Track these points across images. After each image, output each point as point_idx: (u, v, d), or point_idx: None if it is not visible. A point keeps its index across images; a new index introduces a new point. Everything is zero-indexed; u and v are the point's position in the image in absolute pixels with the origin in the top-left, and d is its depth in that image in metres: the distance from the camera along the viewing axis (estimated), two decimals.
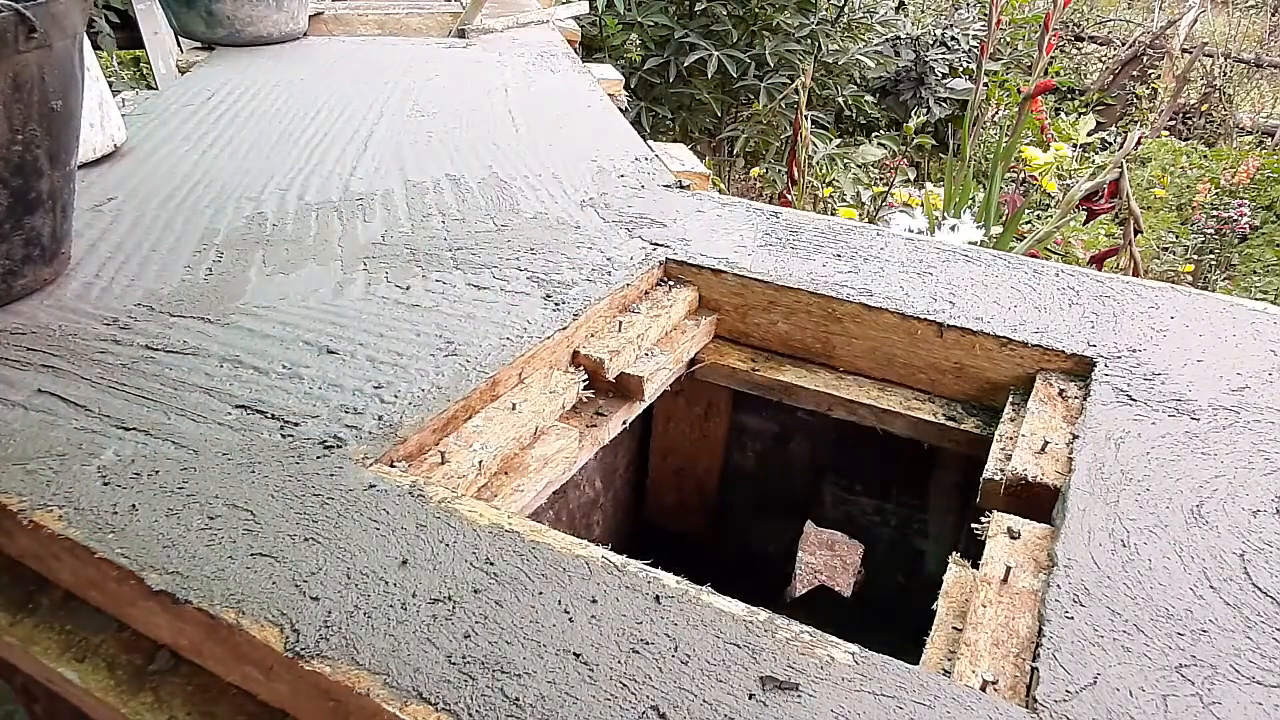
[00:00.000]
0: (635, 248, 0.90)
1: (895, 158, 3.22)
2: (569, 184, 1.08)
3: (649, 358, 0.78)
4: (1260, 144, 4.12)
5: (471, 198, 1.04)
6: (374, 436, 0.59)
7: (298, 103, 1.44)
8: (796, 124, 1.92)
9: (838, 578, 1.27)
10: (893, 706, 0.40)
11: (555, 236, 0.93)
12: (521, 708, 0.40)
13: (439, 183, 1.08)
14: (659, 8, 3.43)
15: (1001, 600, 0.51)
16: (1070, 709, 0.41)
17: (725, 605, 0.46)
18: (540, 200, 1.03)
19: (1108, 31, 5.55)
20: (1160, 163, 3.63)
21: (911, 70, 4.10)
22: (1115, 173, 1.45)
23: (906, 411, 0.79)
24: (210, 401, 0.63)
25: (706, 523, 1.12)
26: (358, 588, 0.46)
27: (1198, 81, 4.67)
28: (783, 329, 0.85)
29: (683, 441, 1.08)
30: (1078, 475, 0.58)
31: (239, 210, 0.98)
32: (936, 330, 0.78)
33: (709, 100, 3.43)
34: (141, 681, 0.50)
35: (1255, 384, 0.70)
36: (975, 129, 2.74)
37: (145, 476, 0.55)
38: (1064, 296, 0.83)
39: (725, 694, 0.41)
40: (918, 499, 1.00)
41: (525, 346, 0.71)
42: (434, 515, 0.52)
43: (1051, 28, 2.13)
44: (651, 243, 0.91)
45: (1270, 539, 0.53)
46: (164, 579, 0.47)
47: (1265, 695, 0.42)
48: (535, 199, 1.03)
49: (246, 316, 0.75)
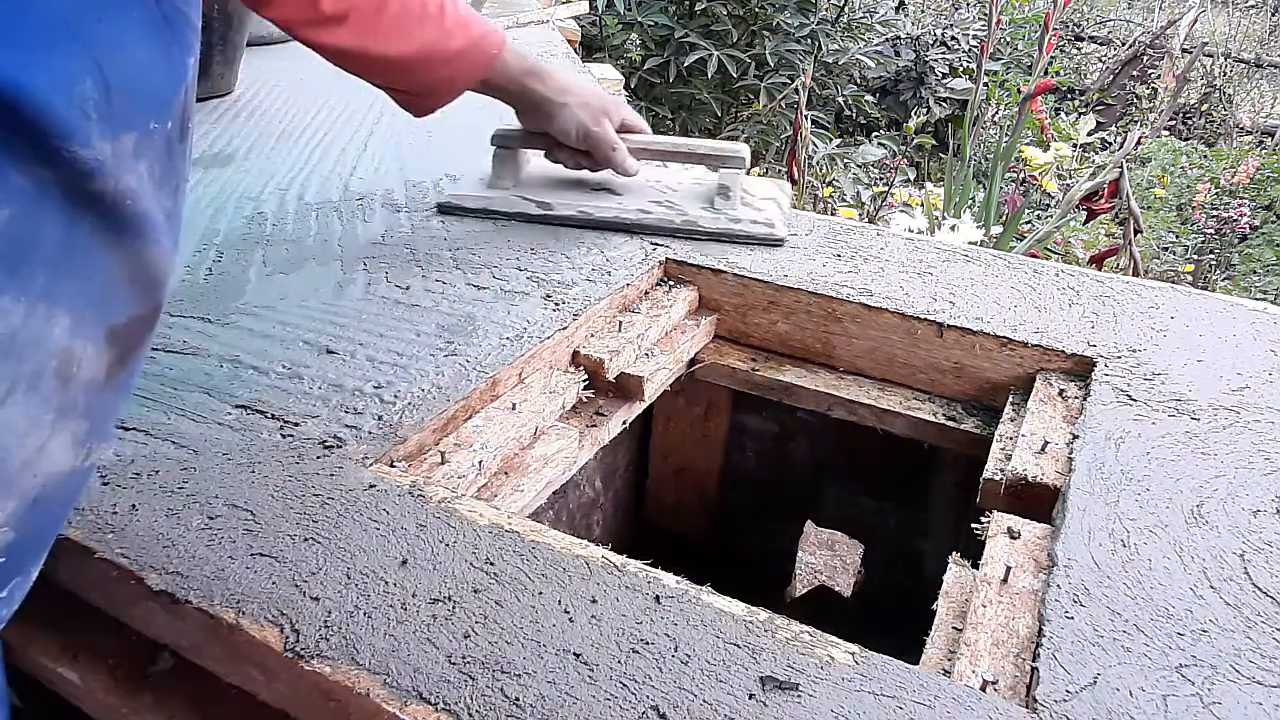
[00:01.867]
0: (635, 247, 0.90)
1: (895, 158, 3.22)
2: None
3: (649, 358, 0.78)
4: (1260, 144, 4.12)
5: None
6: (374, 436, 0.59)
7: (297, 102, 1.44)
8: (796, 124, 1.92)
9: (838, 578, 1.27)
10: (893, 706, 0.40)
11: (555, 236, 0.93)
12: (521, 707, 0.40)
13: (439, 182, 1.08)
14: (659, 8, 3.43)
15: (1001, 600, 0.51)
16: (1070, 709, 0.41)
17: (725, 605, 0.46)
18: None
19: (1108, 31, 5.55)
20: (1160, 163, 3.63)
21: (911, 70, 4.10)
22: (1115, 173, 1.45)
23: (906, 411, 0.79)
24: (210, 401, 0.63)
25: (706, 523, 1.12)
26: (358, 588, 0.46)
27: (1198, 81, 4.67)
28: (783, 329, 0.85)
29: (683, 441, 1.08)
30: (1078, 475, 0.58)
31: (239, 210, 0.98)
32: (936, 330, 0.78)
33: (709, 100, 3.43)
34: (141, 682, 0.50)
35: (1255, 384, 0.70)
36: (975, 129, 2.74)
37: (145, 476, 0.55)
38: (1064, 296, 0.83)
39: (725, 694, 0.41)
40: (918, 499, 1.00)
41: (525, 346, 0.71)
42: (434, 515, 0.52)
43: (1051, 28, 2.13)
44: (651, 242, 0.91)
45: (1270, 539, 0.53)
46: (164, 579, 0.47)
47: (1265, 695, 0.42)
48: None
49: (246, 316, 0.75)
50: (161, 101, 0.38)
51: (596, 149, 0.93)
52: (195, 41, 0.40)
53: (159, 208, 0.39)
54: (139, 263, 0.38)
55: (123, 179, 0.36)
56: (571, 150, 0.95)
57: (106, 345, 0.38)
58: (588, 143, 0.92)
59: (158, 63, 0.37)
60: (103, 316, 0.37)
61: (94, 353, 0.37)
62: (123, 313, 0.38)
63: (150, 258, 0.39)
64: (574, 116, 0.91)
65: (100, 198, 0.35)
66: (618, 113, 0.94)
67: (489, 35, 0.88)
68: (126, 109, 0.35)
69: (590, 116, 0.91)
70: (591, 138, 0.92)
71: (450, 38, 0.84)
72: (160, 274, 0.40)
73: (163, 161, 0.38)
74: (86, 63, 0.33)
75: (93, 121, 0.33)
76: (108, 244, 0.36)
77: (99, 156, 0.34)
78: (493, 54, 0.88)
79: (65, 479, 0.39)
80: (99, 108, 0.34)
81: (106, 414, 0.40)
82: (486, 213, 0.96)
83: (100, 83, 0.34)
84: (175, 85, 0.38)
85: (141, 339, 0.40)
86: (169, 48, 0.38)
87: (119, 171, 0.35)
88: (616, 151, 0.93)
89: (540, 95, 0.91)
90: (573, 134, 0.92)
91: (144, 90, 0.36)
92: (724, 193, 0.93)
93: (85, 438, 0.39)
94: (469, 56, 0.87)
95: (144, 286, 0.39)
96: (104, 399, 0.39)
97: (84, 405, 0.38)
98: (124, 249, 0.37)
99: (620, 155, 0.93)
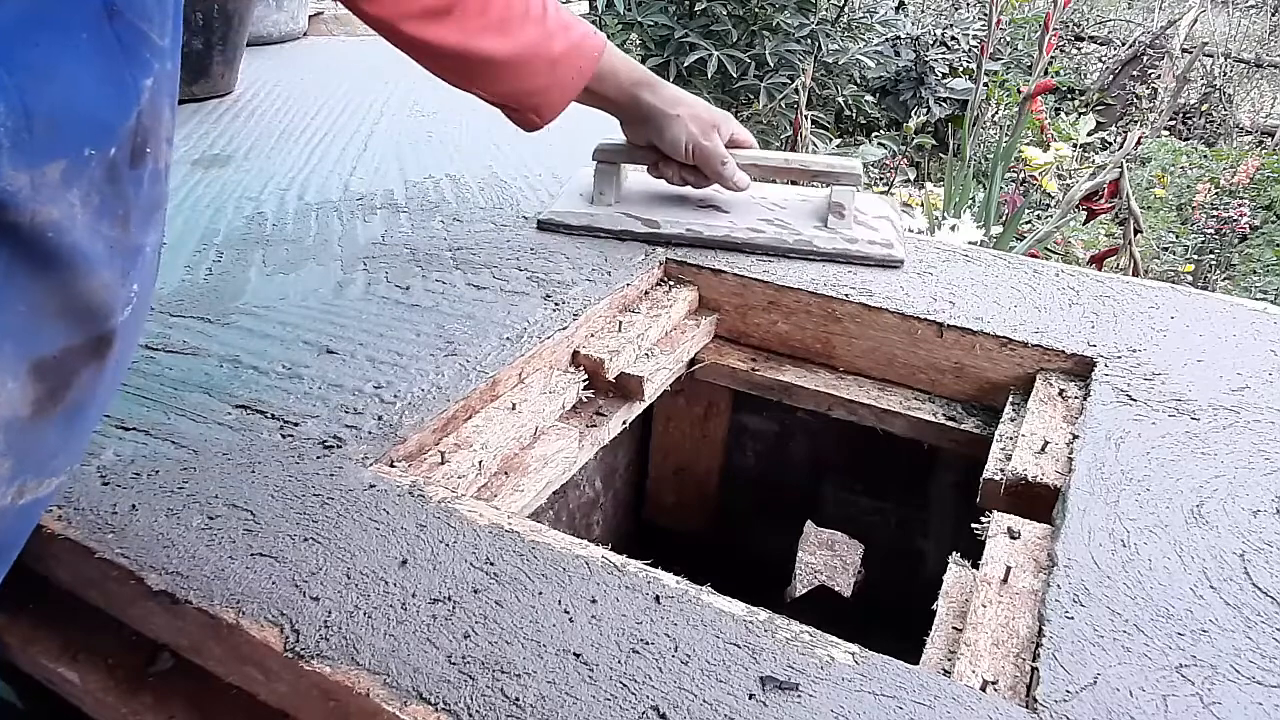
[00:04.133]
0: (635, 247, 0.90)
1: (895, 158, 3.22)
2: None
3: (649, 358, 0.78)
4: (1260, 144, 4.12)
5: (471, 197, 1.04)
6: (374, 436, 0.59)
7: (297, 102, 1.44)
8: (796, 124, 1.92)
9: (838, 578, 1.27)
10: (893, 706, 0.40)
11: (555, 236, 0.93)
12: (521, 708, 0.40)
13: (439, 182, 1.08)
14: (659, 8, 3.43)
15: (1001, 600, 0.51)
16: (1070, 709, 0.41)
17: (725, 605, 0.46)
18: (540, 200, 1.03)
19: (1108, 31, 5.55)
20: (1160, 163, 3.63)
21: (911, 70, 4.10)
22: (1115, 173, 1.45)
23: (906, 411, 0.79)
24: (210, 401, 0.63)
25: (706, 523, 1.12)
26: (358, 588, 0.46)
27: (1198, 81, 4.67)
28: (783, 329, 0.85)
29: (683, 441, 1.08)
30: (1078, 475, 0.58)
31: (239, 210, 0.98)
32: (936, 330, 0.78)
33: (709, 100, 3.42)
34: (141, 681, 0.50)
35: (1255, 384, 0.70)
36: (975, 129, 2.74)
37: (145, 476, 0.55)
38: (1064, 296, 0.83)
39: (725, 694, 0.41)
40: (918, 499, 1.00)
41: (525, 346, 0.71)
42: (434, 515, 0.52)
43: (1051, 28, 2.13)
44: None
45: (1270, 539, 0.53)
46: (164, 579, 0.47)
47: (1265, 695, 0.42)
48: (535, 199, 1.03)
49: (246, 316, 0.75)
50: (101, 127, 0.36)
51: (707, 164, 0.89)
52: (156, 60, 0.37)
53: (98, 238, 0.36)
54: (69, 295, 0.36)
55: (42, 210, 0.34)
56: (678, 165, 0.91)
57: (30, 380, 0.36)
58: (698, 157, 0.88)
59: (101, 87, 0.35)
60: (24, 350, 0.35)
61: (14, 388, 0.35)
62: (52, 345, 0.36)
63: (83, 289, 0.36)
64: (685, 129, 0.87)
65: (14, 229, 0.33)
66: (727, 126, 0.90)
67: (589, 37, 0.84)
68: (52, 137, 0.34)
69: (701, 130, 0.87)
70: (702, 152, 0.88)
71: (553, 39, 0.81)
72: (99, 304, 0.38)
73: (102, 189, 0.36)
74: (2, 88, 0.32)
75: (2, 150, 0.32)
76: (27, 277, 0.34)
77: (9, 187, 0.32)
78: (594, 56, 0.84)
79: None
80: (13, 136, 0.32)
81: (40, 450, 0.38)
82: (590, 230, 0.92)
83: (18, 110, 0.32)
84: (122, 109, 0.36)
85: (80, 370, 0.38)
86: (118, 70, 0.36)
87: (38, 203, 0.33)
88: (726, 166, 0.89)
89: (651, 106, 0.87)
90: (683, 148, 0.88)
91: (78, 116, 0.35)
92: (838, 211, 0.89)
93: (11, 476, 0.37)
94: (571, 60, 0.82)
95: (77, 318, 0.37)
96: (33, 435, 0.37)
97: (3, 443, 0.36)
98: (48, 281, 0.35)
99: (730, 170, 0.89)
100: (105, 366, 0.40)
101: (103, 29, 0.35)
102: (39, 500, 0.40)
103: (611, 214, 0.92)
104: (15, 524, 0.40)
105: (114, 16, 0.35)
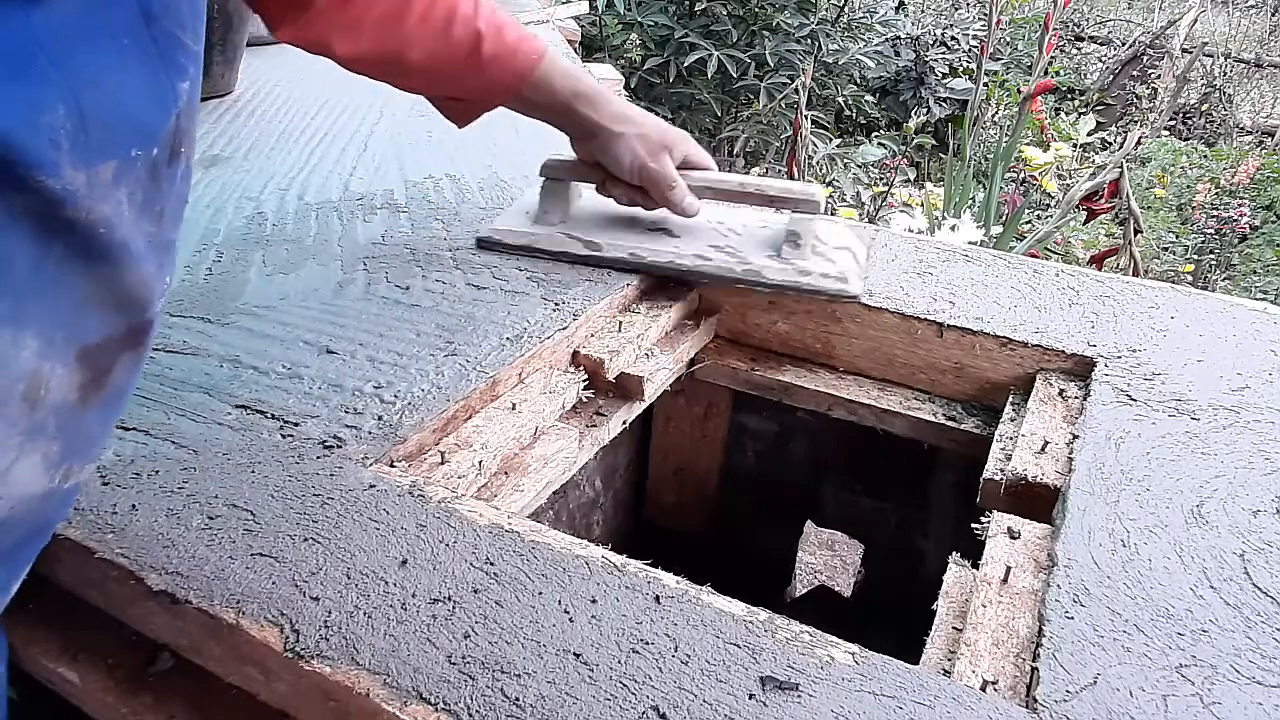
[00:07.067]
0: None
1: (895, 158, 3.22)
2: None
3: (649, 358, 0.78)
4: (1260, 144, 4.12)
5: (471, 197, 1.04)
6: (374, 436, 0.59)
7: (297, 102, 1.44)
8: (796, 124, 1.92)
9: (838, 578, 1.27)
10: (893, 706, 0.40)
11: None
12: (521, 708, 0.40)
13: (439, 182, 1.08)
14: (659, 8, 3.43)
15: (1001, 600, 0.51)
16: (1070, 709, 0.41)
17: (725, 605, 0.46)
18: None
19: (1108, 31, 5.55)
20: (1160, 163, 3.63)
21: (911, 70, 4.10)
22: (1115, 173, 1.45)
23: (906, 411, 0.79)
24: (210, 401, 0.63)
25: (706, 523, 1.12)
26: (358, 588, 0.46)
27: (1198, 81, 4.67)
28: (783, 329, 0.85)
29: (683, 441, 1.08)
30: (1078, 475, 0.58)
31: (239, 210, 0.98)
32: (936, 330, 0.78)
33: (709, 100, 3.43)
34: (141, 681, 0.50)
35: (1255, 384, 0.70)
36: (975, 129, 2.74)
37: (145, 476, 0.55)
38: (1064, 296, 0.83)
39: (725, 694, 0.41)
40: (918, 499, 1.00)
41: (525, 346, 0.71)
42: (434, 515, 0.52)
43: (1051, 28, 2.13)
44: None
45: (1270, 539, 0.53)
46: (164, 579, 0.47)
47: (1265, 695, 0.42)
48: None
49: (246, 316, 0.75)
50: (146, 129, 0.37)
51: (653, 186, 0.83)
52: (190, 64, 0.39)
53: (139, 233, 0.38)
54: (114, 287, 0.38)
55: (96, 208, 0.35)
56: (626, 185, 0.85)
57: (78, 366, 0.38)
58: (643, 179, 0.83)
59: (144, 91, 0.37)
60: (73, 338, 0.37)
61: (64, 374, 0.37)
62: (96, 334, 0.38)
63: (127, 282, 0.38)
64: (630, 149, 0.81)
65: (71, 225, 0.35)
66: (681, 147, 0.84)
67: (526, 41, 0.78)
68: (105, 138, 0.35)
69: (648, 150, 0.82)
70: (648, 174, 0.82)
71: (482, 40, 0.76)
72: (140, 296, 0.40)
73: (145, 188, 0.38)
74: (61, 93, 0.33)
75: (63, 151, 0.33)
76: (80, 270, 0.36)
77: (69, 186, 0.34)
78: (530, 61, 0.78)
79: (38, 501, 0.39)
80: (71, 138, 0.33)
81: (84, 435, 0.40)
82: (529, 251, 0.87)
83: (75, 113, 0.33)
84: (163, 112, 0.38)
85: (119, 358, 0.40)
86: (158, 74, 0.37)
87: (92, 200, 0.35)
88: (675, 190, 0.83)
89: (591, 121, 0.81)
90: (627, 168, 0.82)
91: (126, 119, 0.36)
92: (793, 240, 0.82)
93: (59, 459, 0.39)
94: (501, 63, 0.78)
95: (120, 309, 0.39)
96: (79, 420, 0.39)
97: (55, 427, 0.38)
98: (97, 274, 0.37)
99: (679, 194, 0.84)
100: (140, 355, 0.42)
101: (141, 35, 0.36)
102: (77, 486, 0.42)
103: (552, 234, 0.87)
104: (60, 506, 0.42)
105: (151, 23, 0.36)
